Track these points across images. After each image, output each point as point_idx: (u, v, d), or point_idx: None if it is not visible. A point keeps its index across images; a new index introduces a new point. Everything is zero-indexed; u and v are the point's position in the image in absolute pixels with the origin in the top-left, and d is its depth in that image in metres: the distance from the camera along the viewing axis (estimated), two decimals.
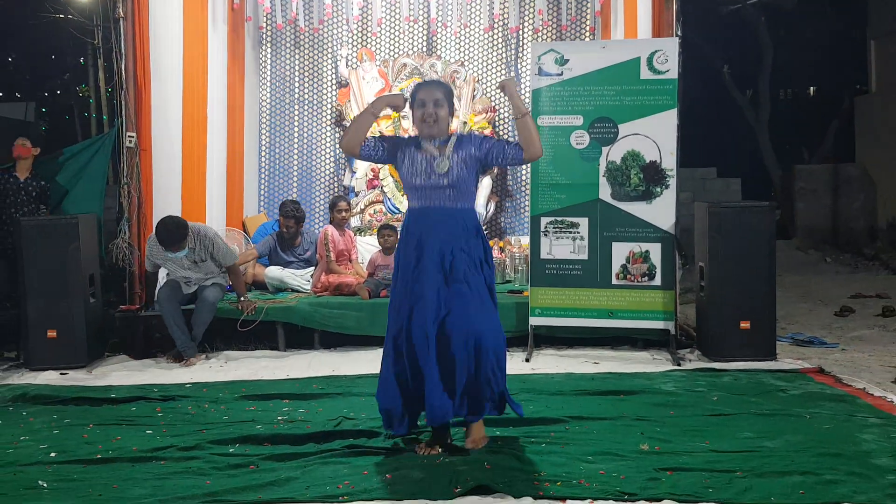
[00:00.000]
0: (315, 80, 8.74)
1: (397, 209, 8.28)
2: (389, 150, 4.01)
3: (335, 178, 8.75)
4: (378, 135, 4.05)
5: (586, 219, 6.23)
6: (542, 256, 6.28)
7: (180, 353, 6.20)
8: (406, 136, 4.21)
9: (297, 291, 7.15)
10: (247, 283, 6.85)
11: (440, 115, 3.91)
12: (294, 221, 7.28)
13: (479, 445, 3.93)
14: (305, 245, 7.43)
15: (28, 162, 6.98)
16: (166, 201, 6.93)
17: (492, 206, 8.41)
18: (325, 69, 8.73)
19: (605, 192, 6.21)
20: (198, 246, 6.28)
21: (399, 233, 4.10)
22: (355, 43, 8.63)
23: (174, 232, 6.11)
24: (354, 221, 8.19)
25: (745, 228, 5.96)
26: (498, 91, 8.50)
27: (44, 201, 6.90)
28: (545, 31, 8.46)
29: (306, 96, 8.77)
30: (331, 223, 7.36)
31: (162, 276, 6.63)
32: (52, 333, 6.04)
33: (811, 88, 20.35)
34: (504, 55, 8.62)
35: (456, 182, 3.89)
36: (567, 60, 6.22)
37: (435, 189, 3.90)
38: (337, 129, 8.69)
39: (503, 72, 8.59)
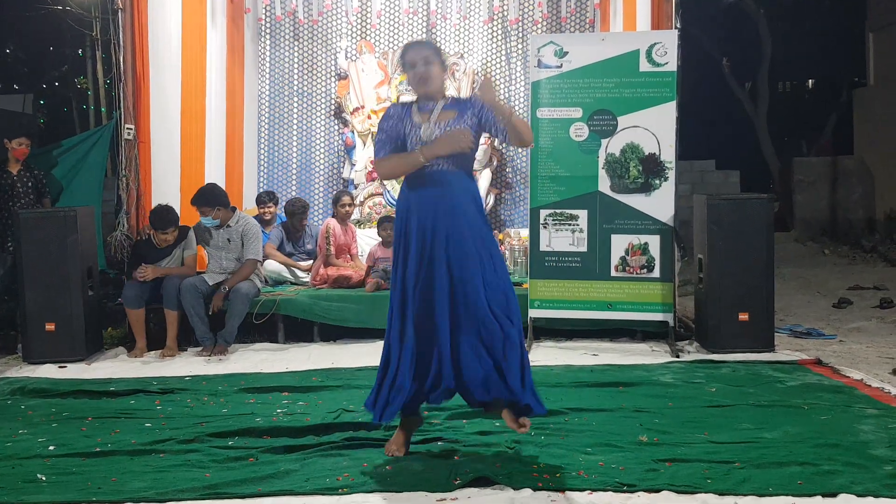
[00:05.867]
0: (314, 72, 8.73)
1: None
2: (395, 131, 3.78)
3: (335, 171, 8.74)
4: (376, 133, 3.80)
5: (585, 211, 6.23)
6: (541, 248, 6.28)
7: (211, 346, 6.24)
8: (397, 104, 3.96)
9: (296, 284, 7.16)
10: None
11: (433, 73, 3.74)
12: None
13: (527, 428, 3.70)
14: (306, 238, 7.46)
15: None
16: (165, 193, 6.92)
17: (491, 198, 8.41)
18: (324, 61, 8.71)
19: (604, 185, 6.20)
20: (237, 224, 6.45)
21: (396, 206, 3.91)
22: (354, 35, 8.61)
23: (207, 192, 6.39)
24: (354, 214, 8.18)
25: (744, 221, 5.96)
26: (497, 83, 8.50)
27: (41, 191, 6.86)
28: (545, 24, 8.45)
29: (305, 88, 8.76)
30: (333, 217, 7.37)
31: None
32: (50, 327, 6.03)
33: (810, 81, 20.36)
34: (504, 47, 8.60)
35: None
36: (566, 53, 6.21)
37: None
38: (336, 122, 8.68)
39: (503, 64, 8.57)
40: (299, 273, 7.24)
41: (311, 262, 7.33)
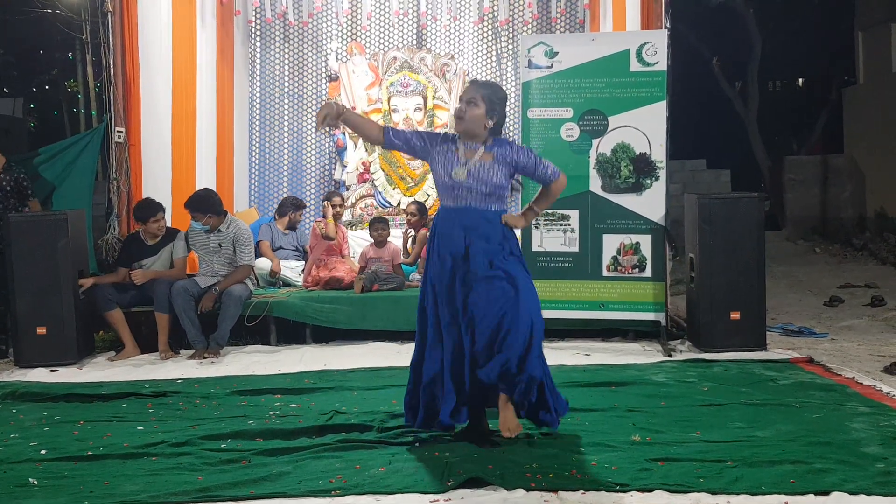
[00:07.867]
0: (305, 74, 8.71)
1: (388, 203, 8.27)
2: (423, 148, 4.03)
3: (326, 173, 8.73)
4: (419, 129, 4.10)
5: (577, 211, 6.24)
6: (533, 249, 6.29)
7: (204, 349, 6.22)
8: (445, 132, 4.19)
9: (289, 285, 7.15)
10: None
11: (469, 114, 3.92)
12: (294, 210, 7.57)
13: (514, 433, 3.86)
14: (297, 234, 7.51)
15: None
16: (156, 196, 6.90)
17: None
18: (314, 63, 8.70)
19: (595, 185, 6.22)
20: (228, 229, 6.37)
21: (429, 230, 4.13)
22: (345, 37, 8.60)
23: (201, 199, 6.30)
24: (345, 215, 8.18)
25: (735, 219, 5.98)
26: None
27: (23, 193, 6.70)
28: (535, 24, 8.46)
29: (296, 90, 8.74)
30: (324, 217, 7.36)
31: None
32: (41, 330, 6.00)
33: (800, 80, 20.39)
34: (494, 48, 8.61)
35: (482, 184, 3.90)
36: (557, 53, 6.22)
37: (463, 189, 3.92)
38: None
39: (493, 64, 8.58)
40: (290, 275, 7.23)
41: (302, 264, 7.32)
